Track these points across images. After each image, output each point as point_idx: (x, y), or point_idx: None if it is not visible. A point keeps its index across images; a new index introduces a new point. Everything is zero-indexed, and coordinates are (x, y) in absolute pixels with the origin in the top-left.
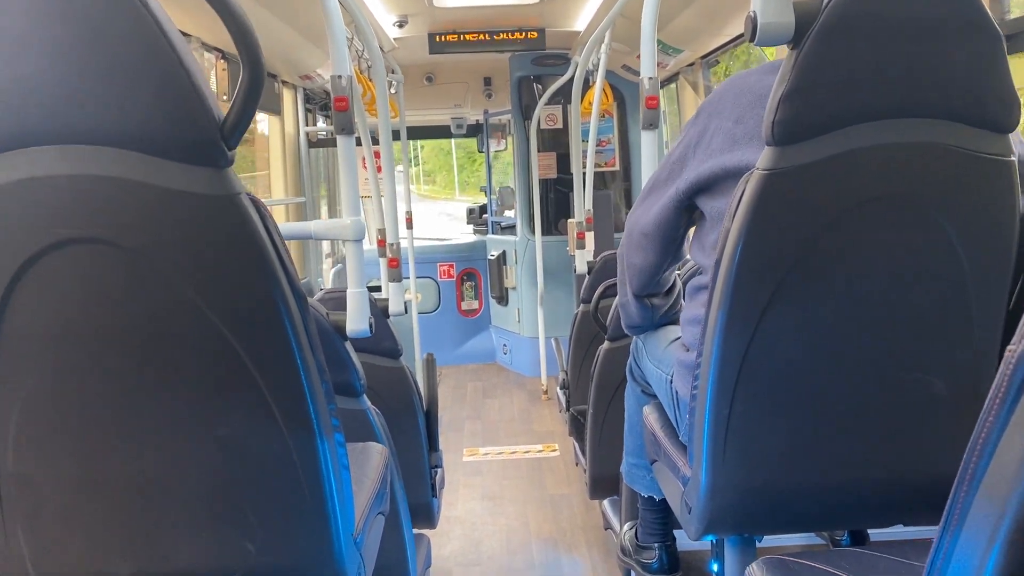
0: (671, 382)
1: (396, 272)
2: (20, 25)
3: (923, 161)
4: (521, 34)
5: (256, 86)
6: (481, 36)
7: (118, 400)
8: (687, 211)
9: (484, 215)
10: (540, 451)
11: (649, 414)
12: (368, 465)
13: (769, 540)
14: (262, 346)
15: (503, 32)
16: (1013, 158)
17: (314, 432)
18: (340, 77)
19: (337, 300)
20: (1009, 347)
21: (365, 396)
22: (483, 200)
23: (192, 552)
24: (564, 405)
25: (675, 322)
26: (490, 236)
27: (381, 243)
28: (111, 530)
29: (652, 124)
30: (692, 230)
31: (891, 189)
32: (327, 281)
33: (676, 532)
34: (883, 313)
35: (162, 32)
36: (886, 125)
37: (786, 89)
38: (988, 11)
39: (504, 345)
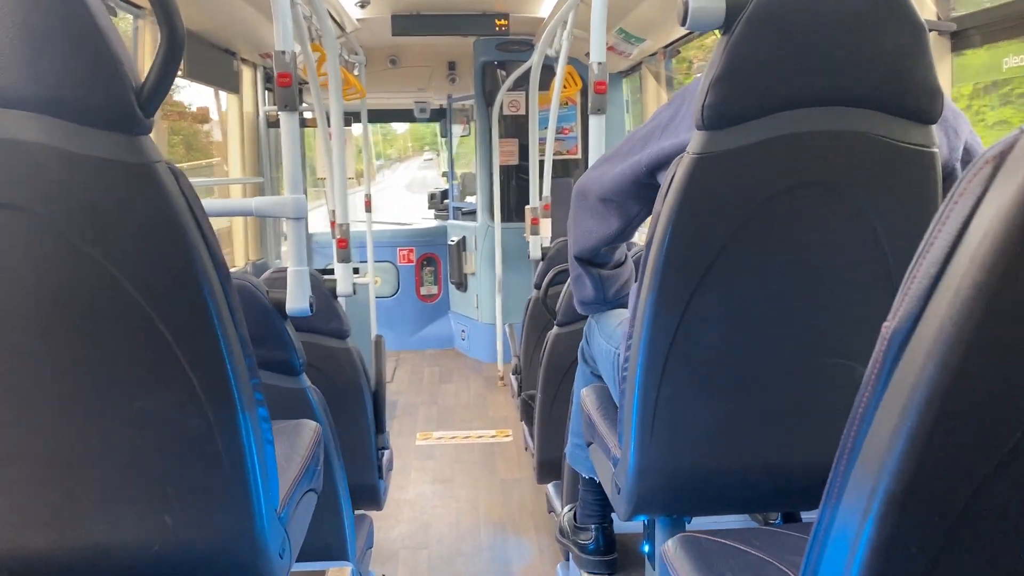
0: (618, 356)
1: (345, 253)
2: None
3: (848, 149)
4: (485, 18)
5: (175, 51)
6: (445, 23)
7: (32, 370)
8: (644, 188)
9: (445, 200)
10: (493, 436)
11: (587, 396)
12: (299, 442)
13: (703, 522)
14: (181, 318)
15: (467, 15)
16: (935, 149)
17: (235, 406)
18: (284, 53)
19: (284, 279)
20: (885, 324)
21: (304, 375)
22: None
23: (108, 526)
24: (516, 390)
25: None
26: (451, 221)
27: (333, 224)
28: (25, 503)
29: (600, 109)
30: None
31: (817, 176)
32: (285, 262)
33: (613, 515)
34: (808, 299)
35: None
36: (813, 113)
37: (715, 74)
38: (912, 3)
39: (462, 331)
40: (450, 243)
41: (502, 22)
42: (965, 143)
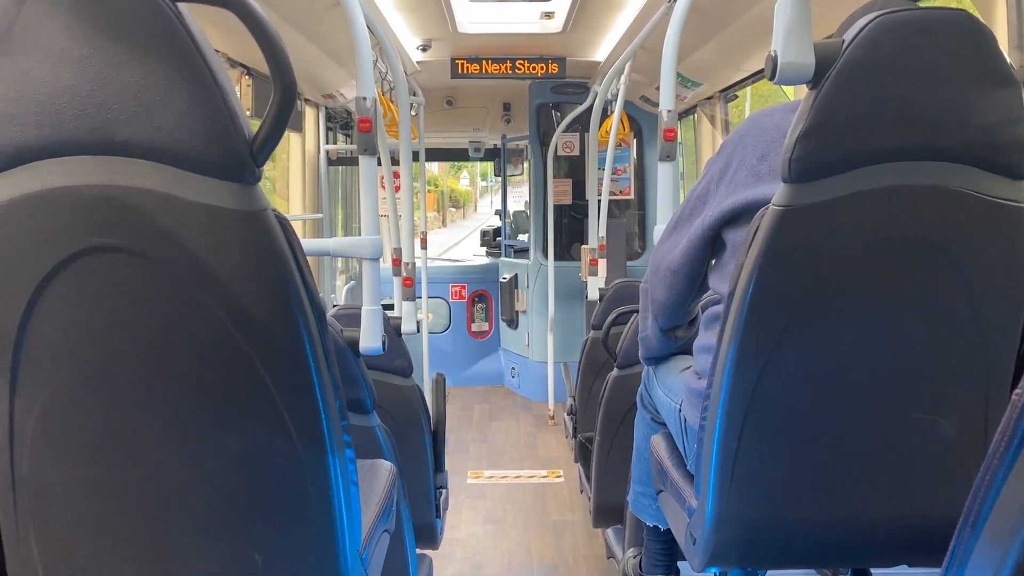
0: (680, 410)
1: (410, 291)
2: (59, 39)
3: (938, 204)
4: (542, 63)
5: (287, 106)
6: (503, 67)
7: (134, 407)
8: (712, 243)
9: (498, 238)
10: (544, 476)
11: (657, 443)
12: (376, 482)
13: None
14: (280, 360)
15: (524, 60)
16: None
17: (326, 447)
18: (365, 99)
19: (351, 316)
20: (1016, 391)
21: (375, 413)
22: None
23: (200, 561)
24: (571, 431)
25: (687, 351)
26: (503, 259)
27: (396, 262)
28: (121, 536)
29: (669, 156)
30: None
31: (905, 231)
32: (340, 297)
33: (680, 564)
34: (894, 353)
35: (197, 49)
36: (902, 167)
37: (804, 128)
38: (1007, 58)
39: (513, 368)
40: (502, 280)
41: (558, 66)
42: None
